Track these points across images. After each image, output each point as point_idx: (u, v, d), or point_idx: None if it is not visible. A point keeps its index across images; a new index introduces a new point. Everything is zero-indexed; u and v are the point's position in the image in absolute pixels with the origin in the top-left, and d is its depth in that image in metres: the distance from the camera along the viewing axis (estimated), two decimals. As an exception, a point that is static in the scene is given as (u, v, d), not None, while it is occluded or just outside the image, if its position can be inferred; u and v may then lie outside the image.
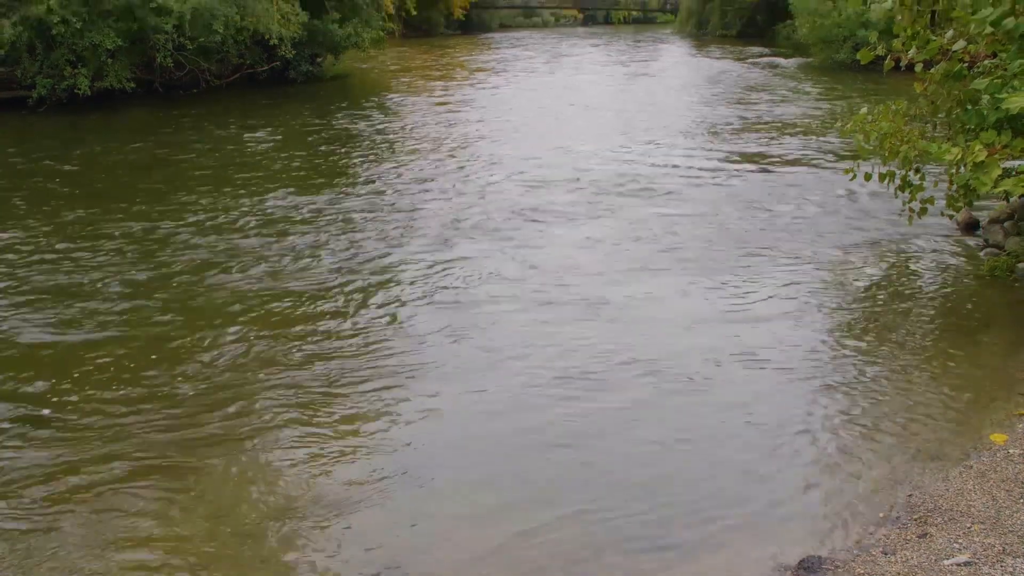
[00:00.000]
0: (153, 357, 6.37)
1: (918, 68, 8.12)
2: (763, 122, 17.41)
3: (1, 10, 17.71)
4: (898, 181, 8.38)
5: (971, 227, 9.35)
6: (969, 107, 7.70)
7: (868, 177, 8.50)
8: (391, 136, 15.95)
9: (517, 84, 25.16)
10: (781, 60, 32.10)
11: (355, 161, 13.61)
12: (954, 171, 7.57)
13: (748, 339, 6.59)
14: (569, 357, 6.26)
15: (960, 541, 3.96)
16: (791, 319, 7.01)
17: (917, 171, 8.27)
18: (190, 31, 19.29)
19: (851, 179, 8.74)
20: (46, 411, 5.57)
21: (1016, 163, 7.19)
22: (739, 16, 47.26)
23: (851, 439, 5.15)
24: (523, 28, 67.79)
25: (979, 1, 6.80)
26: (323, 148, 14.88)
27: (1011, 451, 4.84)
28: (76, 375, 6.08)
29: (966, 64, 7.83)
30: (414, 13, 44.69)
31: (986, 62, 7.69)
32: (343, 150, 14.67)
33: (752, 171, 12.68)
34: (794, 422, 5.33)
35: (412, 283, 7.96)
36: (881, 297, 7.69)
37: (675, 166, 13.04)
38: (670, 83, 26.13)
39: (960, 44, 7.44)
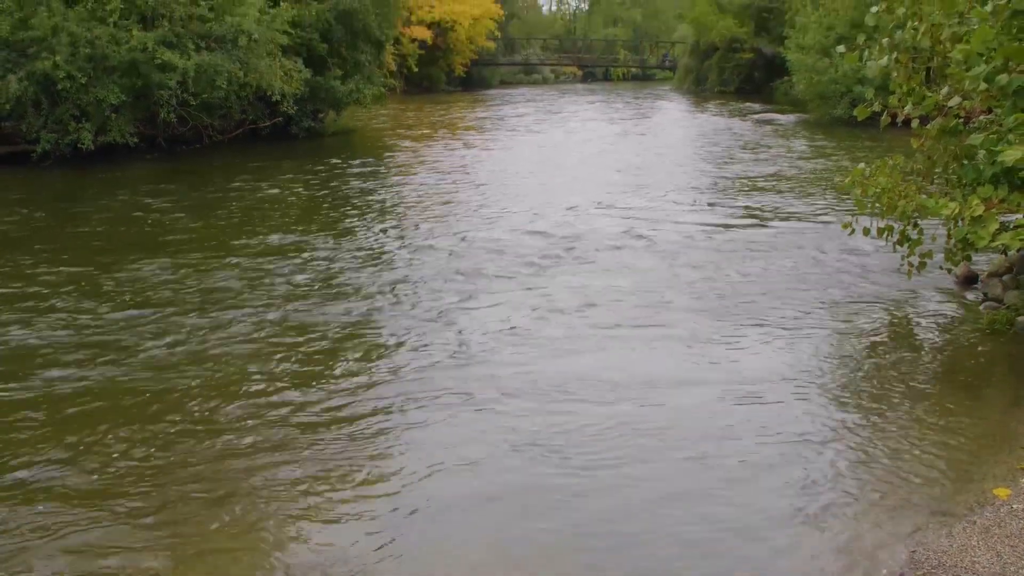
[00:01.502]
0: (140, 412, 6.34)
1: (915, 124, 8.21)
2: (759, 178, 17.49)
3: (8, 66, 17.92)
4: (896, 235, 8.43)
5: (970, 281, 9.37)
6: (966, 162, 7.77)
7: (867, 232, 8.55)
8: (381, 196, 15.79)
9: (511, 143, 25.16)
10: (779, 116, 32.38)
11: (341, 220, 13.47)
12: (952, 225, 7.61)
13: (745, 396, 6.55)
14: (560, 424, 6.07)
15: (965, 597, 3.92)
16: (789, 375, 6.98)
17: (915, 225, 8.31)
18: (193, 87, 19.47)
19: (849, 234, 8.77)
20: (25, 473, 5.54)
21: (1013, 217, 7.23)
22: (737, 73, 47.77)
23: (853, 495, 5.11)
24: (523, 84, 68.40)
25: (972, 58, 6.89)
26: (317, 207, 14.89)
27: (1015, 506, 4.80)
28: (63, 433, 6.02)
29: (962, 120, 7.91)
30: (415, 70, 45.30)
31: (982, 118, 7.78)
32: (333, 207, 14.59)
33: (747, 227, 12.69)
34: (794, 480, 5.29)
35: (394, 346, 7.72)
36: (880, 351, 7.67)
37: (666, 223, 12.89)
38: (665, 140, 26.31)
39: (956, 100, 7.53)
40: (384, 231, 12.49)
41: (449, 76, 56.30)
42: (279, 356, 7.41)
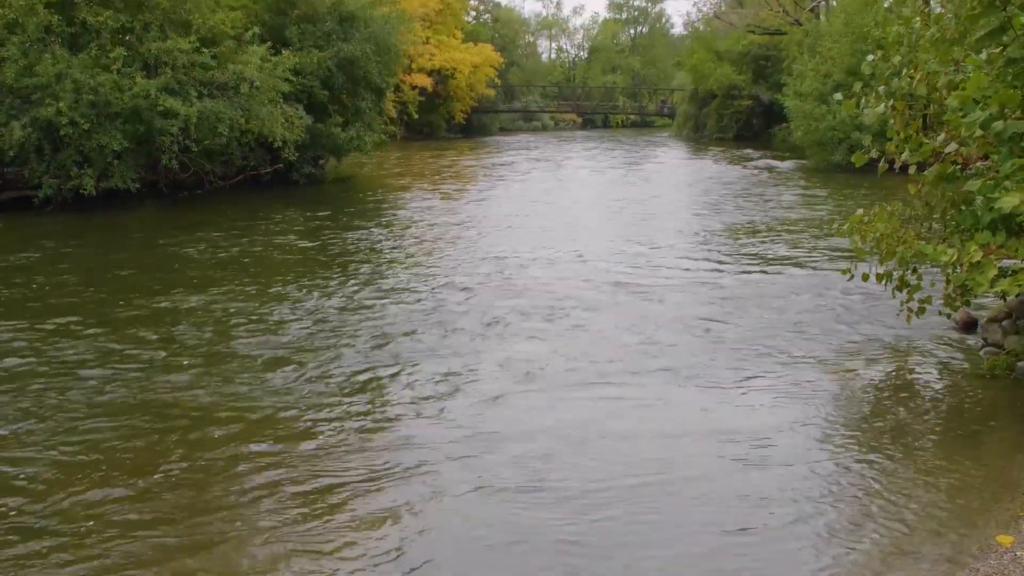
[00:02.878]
0: (137, 460, 6.30)
1: (912, 170, 8.25)
2: (757, 224, 17.54)
3: (12, 112, 18.05)
4: (895, 281, 8.43)
5: (969, 326, 9.37)
6: (963, 208, 7.80)
7: (866, 277, 8.55)
8: (368, 245, 15.81)
9: (506, 191, 25.15)
10: (777, 163, 32.54)
11: (324, 270, 13.20)
12: (951, 271, 7.62)
13: (742, 444, 6.51)
14: (558, 476, 5.98)
15: (969, 647, 3.87)
16: (788, 423, 6.94)
17: (914, 271, 8.32)
18: (195, 134, 19.60)
19: (848, 279, 8.77)
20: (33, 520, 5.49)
21: (1012, 262, 7.23)
22: (735, 120, 48.07)
23: (854, 544, 5.06)
24: (523, 131, 68.82)
25: (968, 105, 6.94)
26: (304, 258, 14.87)
27: (1018, 553, 4.76)
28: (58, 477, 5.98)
29: (959, 166, 7.95)
30: (416, 117, 45.59)
31: (979, 164, 7.81)
32: (319, 258, 14.45)
33: (745, 273, 12.66)
34: (795, 529, 5.25)
35: (372, 396, 7.58)
36: (881, 398, 7.65)
37: (662, 271, 12.82)
38: (663, 187, 26.43)
39: (952, 147, 7.56)
40: (367, 282, 12.09)
41: (449, 123, 56.70)
42: (251, 411, 7.20)
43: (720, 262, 13.47)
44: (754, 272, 12.69)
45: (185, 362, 8.43)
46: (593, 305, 10.66)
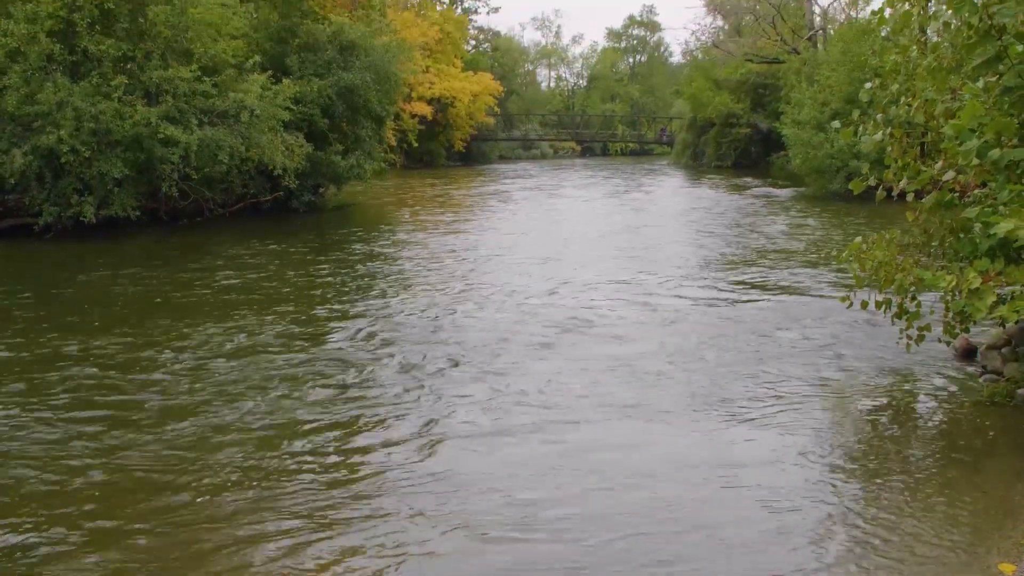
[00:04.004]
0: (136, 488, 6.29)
1: (910, 198, 8.27)
2: (756, 252, 17.55)
3: (13, 140, 18.14)
4: (895, 309, 8.43)
5: (969, 354, 9.35)
6: (961, 235, 7.82)
7: (865, 305, 8.55)
8: (354, 280, 15.62)
9: (502, 220, 25.21)
10: (775, 190, 32.66)
11: (311, 303, 13.06)
12: (950, 298, 7.63)
13: (742, 474, 6.48)
14: (554, 516, 5.84)
15: (972, 677, 3.84)
16: (788, 452, 6.89)
17: (913, 299, 8.33)
18: (196, 162, 19.68)
19: (848, 307, 8.78)
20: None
21: (1010, 289, 7.24)
22: (734, 147, 48.30)
23: (855, 574, 5.04)
24: (522, 160, 69.10)
25: (964, 133, 6.96)
26: (306, 290, 14.84)
27: (1020, 582, 4.74)
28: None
29: (957, 194, 7.97)
30: (415, 145, 45.83)
31: (976, 191, 7.84)
32: (310, 290, 14.33)
33: (744, 301, 12.64)
34: (796, 559, 5.22)
35: (352, 432, 7.41)
36: (881, 426, 7.63)
37: (661, 299, 12.77)
38: (661, 214, 26.53)
39: (950, 174, 7.59)
40: (338, 318, 11.71)
41: (449, 151, 57.01)
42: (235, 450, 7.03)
43: (716, 291, 13.44)
44: (751, 300, 12.66)
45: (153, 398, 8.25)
46: (577, 339, 10.42)
